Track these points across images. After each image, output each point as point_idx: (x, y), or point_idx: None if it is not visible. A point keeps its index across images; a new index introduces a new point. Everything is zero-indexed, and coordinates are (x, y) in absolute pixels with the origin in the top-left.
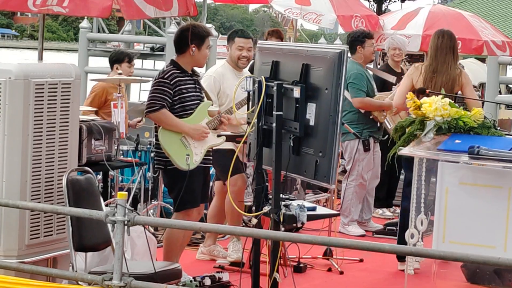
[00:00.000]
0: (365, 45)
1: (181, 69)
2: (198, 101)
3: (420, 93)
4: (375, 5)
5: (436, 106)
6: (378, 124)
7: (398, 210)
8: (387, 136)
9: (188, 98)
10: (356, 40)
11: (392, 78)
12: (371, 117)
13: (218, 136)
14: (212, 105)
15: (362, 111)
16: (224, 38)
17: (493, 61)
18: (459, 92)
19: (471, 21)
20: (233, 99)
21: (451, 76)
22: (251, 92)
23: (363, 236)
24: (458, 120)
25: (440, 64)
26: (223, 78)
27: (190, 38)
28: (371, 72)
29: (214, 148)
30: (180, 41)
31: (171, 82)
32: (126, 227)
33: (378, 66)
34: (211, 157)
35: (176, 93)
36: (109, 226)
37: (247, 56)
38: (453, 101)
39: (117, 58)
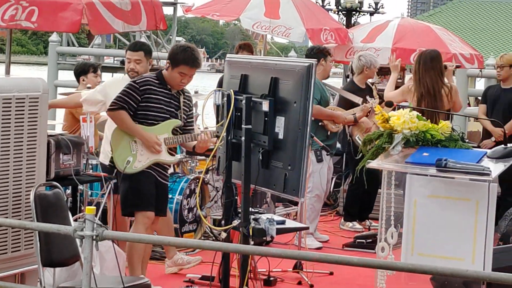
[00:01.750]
0: (327, 59)
1: (160, 81)
2: (167, 116)
3: (387, 106)
4: (345, 18)
5: (404, 119)
6: (328, 133)
7: (374, 223)
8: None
9: (154, 109)
10: (321, 53)
11: (358, 99)
12: (320, 123)
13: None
14: (181, 125)
15: (312, 118)
16: None
17: (461, 74)
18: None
19: (439, 34)
20: (203, 113)
21: (438, 97)
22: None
23: (320, 248)
24: (426, 133)
25: (424, 87)
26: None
27: (170, 53)
28: (337, 91)
29: None
30: (169, 53)
31: (140, 88)
32: (94, 242)
33: (348, 80)
34: (165, 173)
35: (143, 100)
36: (78, 241)
37: (133, 69)
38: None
39: (82, 70)
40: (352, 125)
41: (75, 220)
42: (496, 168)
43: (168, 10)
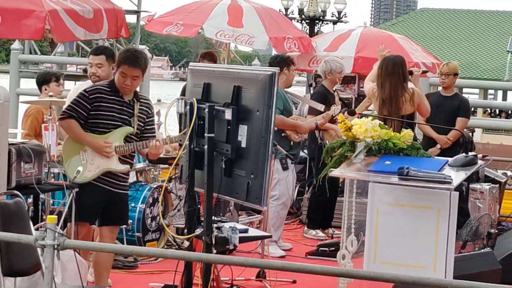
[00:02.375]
0: (290, 68)
1: (112, 88)
2: (119, 124)
3: (350, 114)
4: (308, 27)
5: (366, 128)
6: (291, 143)
7: (337, 231)
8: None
9: (104, 117)
10: (284, 61)
11: (320, 106)
12: (283, 134)
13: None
14: (133, 132)
15: (275, 128)
16: (158, 60)
17: (423, 83)
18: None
19: (401, 43)
20: (165, 121)
21: (397, 103)
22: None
23: (283, 257)
24: (388, 141)
25: (386, 93)
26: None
27: (116, 59)
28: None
29: None
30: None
31: (90, 97)
32: (56, 251)
33: (311, 88)
34: (120, 183)
35: (93, 108)
36: (39, 250)
37: (95, 73)
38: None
39: (44, 79)
40: (323, 131)
41: (37, 229)
42: (458, 177)
43: (132, 19)
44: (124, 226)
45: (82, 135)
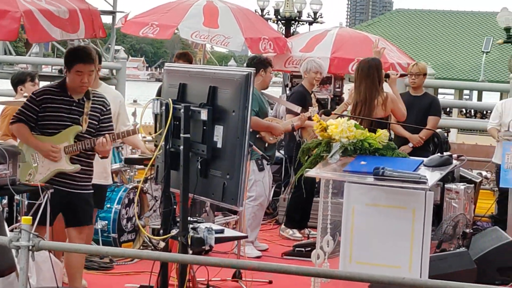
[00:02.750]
0: (267, 70)
1: (61, 88)
2: (69, 124)
3: (325, 115)
4: (284, 28)
5: (342, 128)
6: (266, 145)
7: (313, 232)
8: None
9: (53, 118)
10: (262, 63)
11: (296, 108)
12: (258, 135)
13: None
14: (82, 131)
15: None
16: (134, 60)
17: (399, 83)
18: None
19: None
20: (140, 122)
21: (370, 106)
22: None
23: (259, 257)
24: (364, 141)
25: (361, 96)
26: None
27: (64, 60)
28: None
29: None
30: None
31: (37, 99)
32: (30, 252)
33: (287, 89)
34: (78, 183)
35: (41, 110)
36: (14, 251)
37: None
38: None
39: (19, 79)
40: (302, 129)
41: (11, 230)
42: (433, 177)
43: (107, 19)
44: (100, 227)
45: (30, 139)
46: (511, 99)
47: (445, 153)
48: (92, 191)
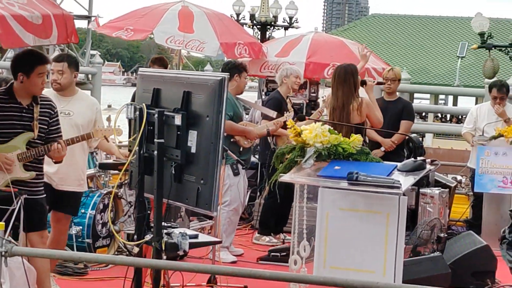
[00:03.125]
0: (242, 75)
1: (10, 95)
2: (21, 131)
3: (299, 120)
4: (259, 33)
5: (316, 133)
6: (241, 149)
7: (288, 237)
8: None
9: (3, 126)
10: (236, 68)
11: (272, 113)
12: (232, 140)
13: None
14: (34, 137)
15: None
16: (110, 65)
17: (375, 88)
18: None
19: (352, 48)
20: (114, 126)
21: (346, 112)
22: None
23: (234, 262)
24: (338, 146)
25: (337, 101)
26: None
27: (15, 66)
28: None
29: None
30: (11, 68)
31: None
32: (3, 258)
33: (263, 93)
34: (33, 188)
35: None
36: None
37: (56, 80)
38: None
39: None
40: (276, 137)
41: None
42: (406, 181)
43: (83, 23)
44: (74, 232)
45: None
46: (486, 103)
47: (419, 158)
48: (45, 195)
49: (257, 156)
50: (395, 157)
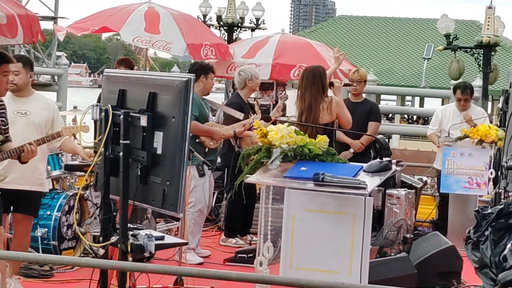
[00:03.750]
0: (208, 76)
1: None
2: None
3: (265, 121)
4: (226, 34)
5: (282, 134)
6: (206, 150)
7: (255, 238)
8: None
9: None
10: (203, 69)
11: (239, 115)
12: (197, 140)
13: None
14: (2, 139)
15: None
16: (76, 67)
17: (342, 89)
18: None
19: (319, 50)
20: (80, 128)
21: (315, 113)
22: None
23: (201, 264)
24: (304, 147)
25: (305, 103)
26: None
27: None
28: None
29: None
30: None
31: None
32: None
33: (230, 94)
34: None
35: None
36: None
37: (12, 81)
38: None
39: None
40: (240, 139)
41: None
42: (372, 182)
43: (48, 25)
44: (40, 234)
45: None
46: (451, 105)
47: (385, 159)
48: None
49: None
50: (362, 158)
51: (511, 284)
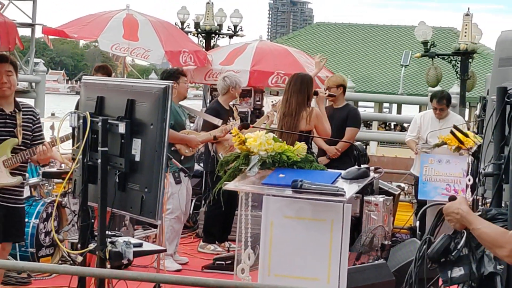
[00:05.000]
0: (180, 81)
1: None
2: (6, 138)
3: (244, 128)
4: (204, 41)
5: (260, 141)
6: (182, 157)
7: (233, 245)
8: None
9: None
10: (172, 75)
11: (217, 121)
12: (172, 148)
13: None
14: (19, 143)
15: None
16: (54, 73)
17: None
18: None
19: (297, 57)
20: (58, 135)
21: (296, 119)
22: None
23: (179, 270)
24: (282, 154)
25: (289, 108)
26: None
27: None
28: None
29: None
30: None
31: None
32: None
33: (208, 101)
34: (16, 196)
35: None
36: None
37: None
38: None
39: None
40: (216, 143)
41: None
42: (350, 189)
43: (27, 31)
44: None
45: None
46: (429, 111)
47: (362, 166)
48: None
49: (202, 165)
50: (342, 164)
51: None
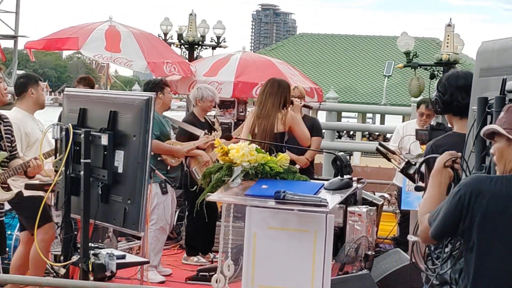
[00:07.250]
0: (165, 91)
1: None
2: None
3: (226, 139)
4: (187, 52)
5: (243, 152)
6: (168, 167)
7: (217, 256)
8: (196, 186)
9: None
10: (157, 86)
11: (199, 132)
12: (159, 158)
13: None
14: (8, 156)
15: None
16: None
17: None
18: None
19: (280, 68)
20: (40, 147)
21: (271, 121)
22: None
23: (163, 282)
24: (265, 165)
25: (263, 110)
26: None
27: None
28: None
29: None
30: None
31: None
32: None
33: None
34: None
35: None
36: None
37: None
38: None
39: None
40: (190, 158)
41: None
42: (333, 199)
43: (9, 43)
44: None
45: None
46: (412, 121)
47: (345, 176)
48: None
49: None
50: (307, 173)
51: None
